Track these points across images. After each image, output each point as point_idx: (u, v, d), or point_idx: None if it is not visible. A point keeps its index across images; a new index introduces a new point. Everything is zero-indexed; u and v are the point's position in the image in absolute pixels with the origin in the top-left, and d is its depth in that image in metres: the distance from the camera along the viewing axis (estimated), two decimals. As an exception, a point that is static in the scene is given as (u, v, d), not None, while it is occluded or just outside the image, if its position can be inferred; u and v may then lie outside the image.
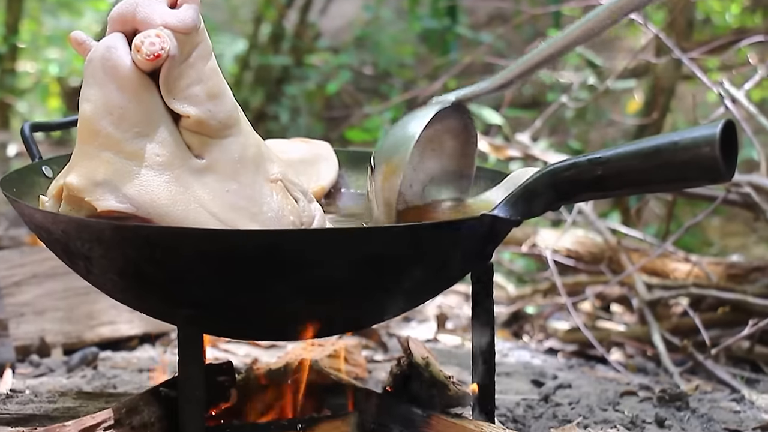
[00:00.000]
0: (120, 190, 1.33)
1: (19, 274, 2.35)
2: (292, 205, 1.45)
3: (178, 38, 1.35)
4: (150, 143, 1.35)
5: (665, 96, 4.46)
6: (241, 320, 1.41)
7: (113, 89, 1.34)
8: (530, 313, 3.26)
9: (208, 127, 1.38)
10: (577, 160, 1.37)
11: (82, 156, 1.36)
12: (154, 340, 2.49)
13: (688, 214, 4.36)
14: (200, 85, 1.38)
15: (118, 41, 1.35)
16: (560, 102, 3.70)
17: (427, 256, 1.40)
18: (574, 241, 3.21)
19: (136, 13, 1.35)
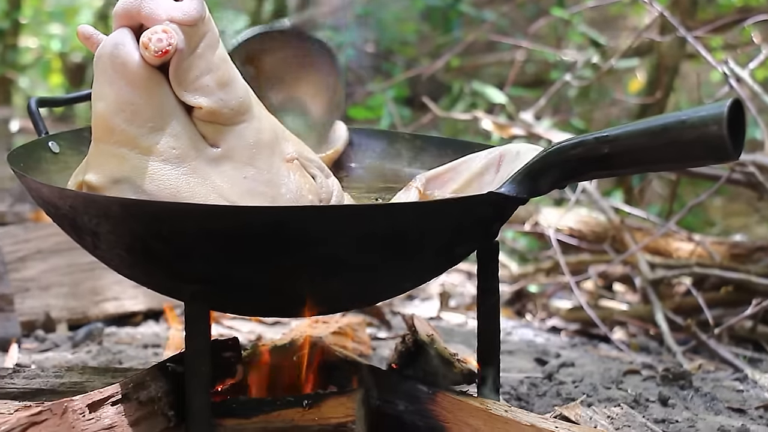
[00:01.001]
0: (139, 187, 1.33)
1: (24, 249, 2.35)
2: (310, 184, 1.45)
3: (185, 31, 1.35)
4: (165, 137, 1.35)
5: (669, 75, 4.45)
6: (247, 297, 1.42)
7: (124, 86, 1.34)
8: (533, 291, 3.26)
9: (220, 115, 1.38)
10: (584, 138, 1.37)
11: (99, 153, 1.37)
12: (159, 316, 2.50)
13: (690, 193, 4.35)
14: (210, 75, 1.38)
15: (125, 37, 1.35)
16: (564, 80, 3.70)
17: (433, 234, 1.40)
18: (577, 220, 3.21)
19: (141, 9, 1.35)
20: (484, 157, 1.54)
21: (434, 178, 1.56)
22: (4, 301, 2.17)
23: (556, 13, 4.19)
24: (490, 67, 6.46)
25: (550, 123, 3.92)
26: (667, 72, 4.47)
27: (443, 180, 1.56)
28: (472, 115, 3.41)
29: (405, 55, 6.56)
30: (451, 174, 1.56)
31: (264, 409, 1.47)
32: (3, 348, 2.13)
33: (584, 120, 4.65)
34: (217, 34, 1.42)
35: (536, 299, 3.20)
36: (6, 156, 1.53)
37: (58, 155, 1.61)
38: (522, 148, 1.50)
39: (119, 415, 1.34)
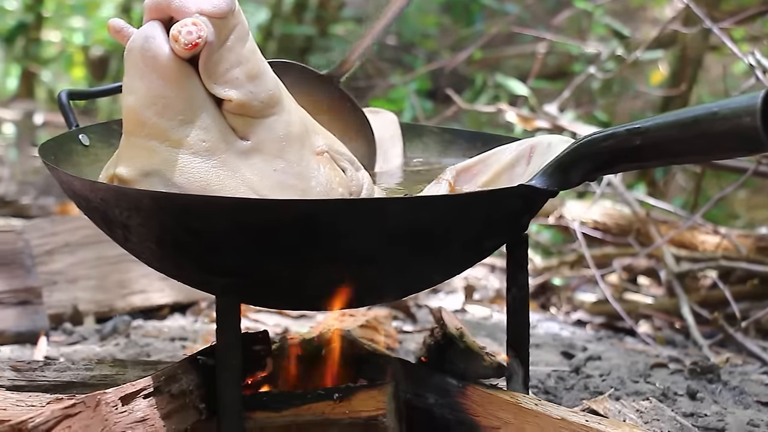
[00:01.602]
0: (170, 180, 1.33)
1: (52, 242, 2.36)
2: (340, 177, 1.45)
3: (215, 23, 1.35)
4: (195, 130, 1.35)
5: (693, 67, 4.43)
6: (277, 289, 1.42)
7: (155, 79, 1.34)
8: (557, 285, 3.25)
9: (250, 108, 1.38)
10: (615, 131, 1.36)
11: (130, 146, 1.37)
12: (185, 309, 2.51)
13: (713, 186, 4.34)
14: (240, 68, 1.38)
15: (155, 30, 1.35)
16: (588, 73, 3.68)
17: (462, 227, 1.39)
18: (601, 212, 3.20)
19: (171, 1, 1.34)
20: (515, 149, 1.53)
21: (464, 170, 1.55)
22: (33, 294, 2.18)
23: (579, 4, 4.18)
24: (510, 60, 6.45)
25: (573, 115, 3.91)
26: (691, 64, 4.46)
27: (473, 172, 1.55)
28: (497, 108, 3.40)
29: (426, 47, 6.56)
30: (482, 166, 1.55)
31: (294, 402, 1.47)
32: (32, 341, 2.14)
33: (607, 112, 4.63)
34: (247, 26, 1.41)
35: (560, 292, 3.20)
36: (32, 148, 1.54)
37: (88, 148, 1.61)
38: (553, 140, 1.49)
39: (151, 408, 1.34)
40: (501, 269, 3.49)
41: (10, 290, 2.16)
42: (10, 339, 2.13)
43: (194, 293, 2.47)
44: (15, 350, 2.12)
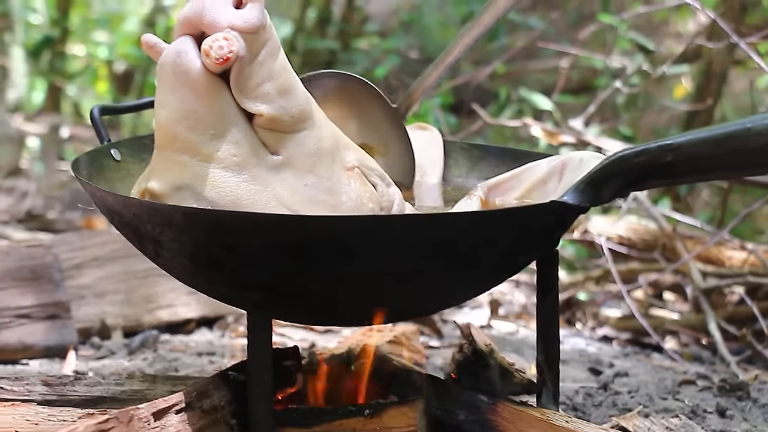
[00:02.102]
0: (200, 194, 1.34)
1: (80, 257, 2.37)
2: (371, 192, 1.45)
3: (246, 38, 1.35)
4: (226, 144, 1.36)
5: (717, 82, 4.42)
6: (309, 305, 1.42)
7: (186, 94, 1.34)
8: (582, 300, 3.24)
9: (281, 123, 1.39)
10: (647, 147, 1.35)
11: (162, 161, 1.38)
12: (212, 323, 2.51)
13: (738, 201, 4.32)
14: (271, 83, 1.38)
15: (187, 45, 1.36)
16: (614, 87, 3.68)
17: (494, 243, 1.39)
18: (626, 227, 3.19)
19: (203, 17, 1.35)
20: (547, 164, 1.53)
21: (496, 186, 1.56)
22: (61, 309, 2.19)
23: (604, 19, 4.17)
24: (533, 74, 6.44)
25: (598, 130, 3.90)
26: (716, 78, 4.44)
27: (505, 188, 1.55)
28: (522, 122, 3.40)
29: (449, 61, 6.55)
30: (513, 182, 1.55)
31: (325, 418, 1.47)
32: (60, 355, 2.15)
33: (632, 127, 4.62)
34: (278, 41, 1.42)
35: (586, 308, 3.19)
36: (58, 162, 1.55)
37: (119, 163, 1.62)
38: (585, 155, 1.49)
39: (183, 424, 1.35)
40: (526, 284, 3.48)
41: (39, 304, 2.17)
42: (39, 353, 2.14)
43: (221, 307, 2.47)
44: (44, 364, 2.13)
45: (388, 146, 1.75)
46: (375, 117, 1.74)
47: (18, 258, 2.20)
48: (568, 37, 5.71)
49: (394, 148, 1.75)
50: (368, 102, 1.74)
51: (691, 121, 4.50)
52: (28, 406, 1.41)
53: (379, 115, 1.74)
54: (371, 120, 1.74)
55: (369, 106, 1.74)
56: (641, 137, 4.91)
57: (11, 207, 3.78)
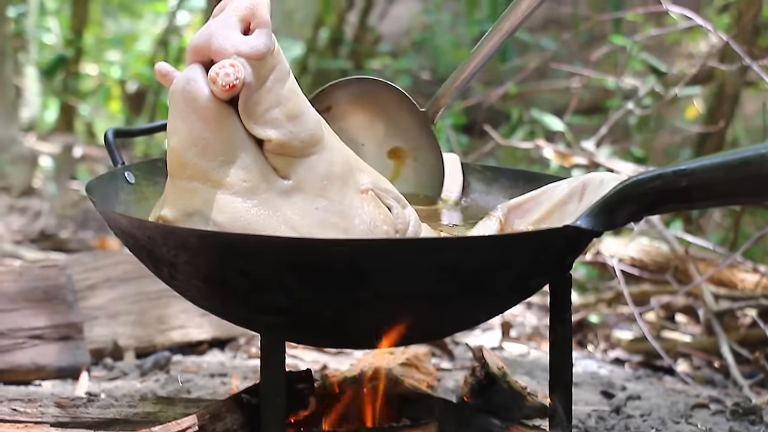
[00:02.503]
0: (211, 219, 1.35)
1: (93, 277, 2.38)
2: (385, 214, 1.45)
3: (253, 64, 1.36)
4: (235, 170, 1.36)
5: (729, 103, 4.41)
6: (323, 328, 1.42)
7: (195, 121, 1.35)
8: (594, 322, 3.24)
9: (291, 148, 1.39)
10: (661, 172, 1.35)
11: (173, 188, 1.39)
12: (224, 345, 2.51)
13: (749, 223, 4.31)
14: (279, 108, 1.39)
15: (196, 73, 1.37)
16: (626, 109, 3.68)
17: (507, 267, 1.40)
18: (638, 249, 3.19)
19: (211, 44, 1.36)
20: (567, 185, 1.53)
21: (516, 207, 1.56)
22: (74, 330, 2.19)
23: (616, 40, 4.17)
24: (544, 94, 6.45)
25: (609, 151, 3.90)
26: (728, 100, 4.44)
27: (525, 209, 1.55)
28: (534, 144, 3.40)
29: (460, 82, 6.56)
30: (533, 203, 1.55)
31: (338, 441, 1.48)
32: (73, 376, 2.15)
33: (644, 148, 4.62)
34: (286, 66, 1.42)
35: (598, 330, 3.18)
36: (71, 182, 1.55)
37: (133, 186, 1.62)
38: (605, 177, 1.49)
39: (196, 447, 1.35)
40: (538, 306, 3.48)
41: (52, 325, 2.17)
42: (51, 374, 2.15)
43: (233, 329, 2.48)
44: (57, 385, 2.13)
45: (419, 150, 1.76)
46: (404, 121, 1.75)
47: (31, 279, 2.21)
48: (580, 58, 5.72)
49: (424, 152, 1.76)
50: (397, 106, 1.75)
51: (703, 143, 4.49)
52: (41, 428, 1.42)
53: (408, 119, 1.75)
54: (400, 124, 1.76)
55: (398, 110, 1.75)
56: (653, 158, 4.91)
57: (24, 227, 3.80)
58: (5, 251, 3.44)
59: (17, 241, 3.69)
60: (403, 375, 1.84)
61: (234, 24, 1.36)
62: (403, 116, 1.75)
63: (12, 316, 2.15)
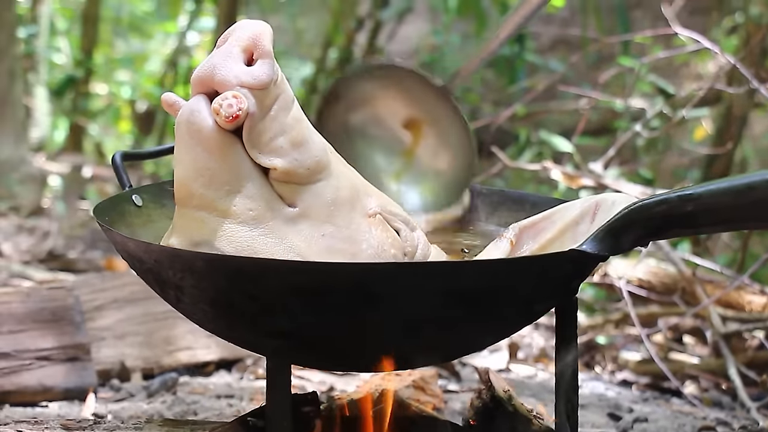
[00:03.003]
0: (218, 249, 1.36)
1: (101, 298, 2.38)
2: (393, 238, 1.46)
3: (256, 94, 1.37)
4: (241, 199, 1.37)
5: (737, 125, 4.41)
6: (329, 351, 1.42)
7: (200, 151, 1.36)
8: (602, 343, 3.23)
9: (296, 175, 1.40)
10: (667, 196, 1.35)
11: (181, 218, 1.40)
12: (231, 366, 2.51)
13: (758, 244, 4.30)
14: (284, 136, 1.39)
15: (200, 104, 1.38)
16: (634, 131, 3.68)
17: (513, 291, 1.40)
18: (646, 270, 3.19)
19: (214, 75, 1.37)
20: (579, 206, 1.53)
21: (528, 227, 1.56)
22: (81, 351, 2.20)
23: (625, 62, 4.18)
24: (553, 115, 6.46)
25: (617, 173, 3.90)
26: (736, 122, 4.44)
27: (537, 230, 1.55)
28: (542, 166, 3.41)
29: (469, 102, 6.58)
30: (546, 223, 1.55)
31: (344, 464, 1.47)
32: (80, 397, 2.16)
33: (651, 170, 4.62)
34: (291, 95, 1.43)
35: (605, 351, 3.18)
36: (80, 202, 1.56)
37: (141, 208, 1.63)
38: (618, 198, 1.49)
39: (202, 470, 1.35)
40: (545, 327, 3.48)
41: (59, 346, 2.18)
42: (59, 395, 2.15)
43: (240, 350, 2.48)
44: (63, 407, 2.13)
45: (438, 120, 1.76)
46: (418, 92, 1.75)
47: (39, 300, 2.22)
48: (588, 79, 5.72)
49: (445, 122, 1.76)
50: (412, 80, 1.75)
51: (712, 164, 4.49)
52: (48, 451, 1.42)
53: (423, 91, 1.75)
54: (414, 96, 1.75)
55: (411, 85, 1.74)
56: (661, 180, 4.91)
57: (33, 247, 3.81)
58: (13, 271, 3.45)
59: (25, 261, 3.70)
60: (410, 397, 1.85)
61: (237, 55, 1.37)
62: (417, 87, 1.75)
63: (19, 337, 2.16)
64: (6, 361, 2.13)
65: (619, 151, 3.74)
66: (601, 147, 4.33)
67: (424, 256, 1.51)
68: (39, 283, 2.76)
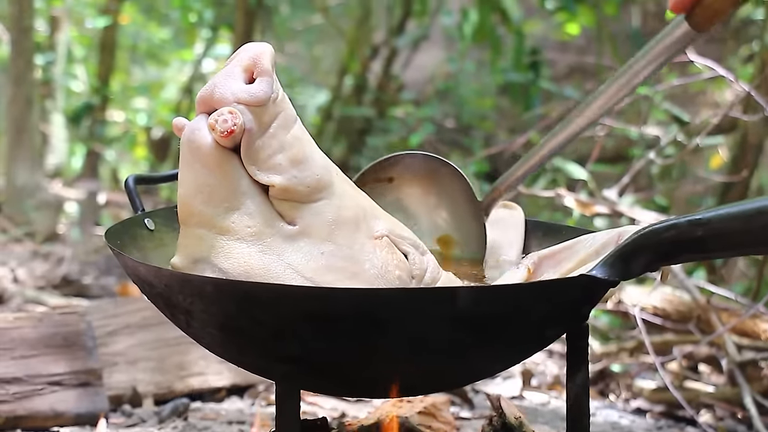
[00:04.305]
0: (216, 266, 1.36)
1: (113, 324, 2.39)
2: (399, 260, 1.46)
3: (254, 111, 1.38)
4: (240, 216, 1.38)
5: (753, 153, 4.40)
6: (338, 377, 1.42)
7: (199, 168, 1.38)
8: (616, 371, 3.22)
9: (295, 192, 1.41)
10: (677, 221, 1.35)
11: (183, 236, 1.41)
12: (242, 392, 2.51)
13: (773, 271, 4.27)
14: (282, 154, 1.40)
15: (200, 122, 1.40)
16: (648, 158, 3.68)
17: (523, 317, 1.39)
18: (661, 298, 3.17)
19: (213, 94, 1.39)
20: (602, 236, 1.53)
21: (549, 257, 1.55)
22: (93, 376, 2.20)
23: (640, 90, 4.18)
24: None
25: (632, 200, 3.89)
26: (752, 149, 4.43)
27: (558, 259, 1.55)
28: (556, 193, 3.40)
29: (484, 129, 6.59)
30: (568, 253, 1.55)
31: (353, 490, 1.47)
32: (91, 423, 2.15)
33: (667, 197, 4.61)
34: (292, 113, 1.44)
35: (620, 379, 3.16)
36: (95, 228, 1.57)
37: (153, 232, 1.63)
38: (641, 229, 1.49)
39: (210, 495, 1.34)
40: (559, 354, 3.46)
41: (71, 372, 2.18)
42: (70, 421, 2.15)
43: (252, 376, 2.48)
44: (75, 432, 2.13)
45: (466, 243, 1.76)
46: (460, 210, 1.75)
47: (51, 325, 2.22)
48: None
49: (471, 246, 1.76)
50: (457, 192, 1.75)
51: (727, 192, 4.48)
52: (57, 475, 1.42)
53: (464, 209, 1.75)
54: (456, 212, 1.76)
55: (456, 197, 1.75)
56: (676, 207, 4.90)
57: (47, 272, 3.82)
58: (28, 297, 3.47)
59: (40, 286, 3.71)
60: (421, 424, 1.84)
61: (237, 74, 1.39)
62: (460, 204, 1.75)
63: (31, 362, 2.16)
64: (18, 386, 2.13)
65: (634, 178, 3.73)
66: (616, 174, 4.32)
67: (433, 280, 1.50)
68: (52, 308, 2.76)
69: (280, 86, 1.41)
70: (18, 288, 3.61)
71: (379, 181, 1.76)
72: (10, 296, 3.47)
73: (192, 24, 8.01)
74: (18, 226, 5.02)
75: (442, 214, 1.77)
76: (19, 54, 5.41)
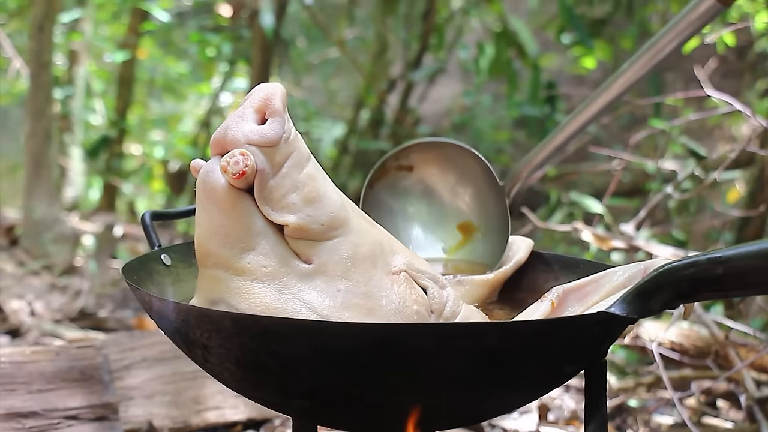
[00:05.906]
0: (233, 306, 1.38)
1: (130, 357, 2.39)
2: (417, 295, 1.46)
3: (266, 152, 1.39)
4: (255, 256, 1.39)
5: (771, 187, 4.39)
6: (355, 413, 1.41)
7: (214, 210, 1.39)
8: (633, 406, 3.20)
9: (310, 231, 1.41)
10: (696, 259, 1.34)
11: (201, 277, 1.43)
12: (259, 426, 2.50)
13: (791, 307, 4.25)
14: (296, 193, 1.41)
15: (214, 164, 1.41)
16: (665, 192, 3.67)
17: (541, 353, 1.38)
18: (678, 333, 3.16)
19: (226, 136, 1.41)
20: (628, 270, 1.52)
21: (574, 290, 1.55)
22: (109, 410, 2.19)
23: (656, 124, 4.18)
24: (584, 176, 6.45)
25: (649, 234, 3.88)
26: (769, 184, 4.41)
27: (584, 293, 1.55)
28: (572, 227, 3.40)
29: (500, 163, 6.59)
30: (594, 286, 1.54)
31: None
32: (107, 456, 2.15)
33: (684, 231, 4.60)
34: (305, 152, 1.45)
35: (637, 414, 3.14)
36: (111, 261, 1.57)
37: (169, 267, 1.64)
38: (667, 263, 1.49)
39: None
40: (576, 389, 3.44)
41: (87, 406, 2.18)
42: (86, 454, 2.15)
43: (268, 410, 2.47)
44: (90, 466, 2.13)
45: (488, 230, 1.76)
46: (483, 194, 1.76)
47: (68, 359, 2.22)
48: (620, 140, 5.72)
49: (493, 234, 1.76)
50: (478, 177, 1.75)
51: (744, 227, 4.46)
52: None
53: (487, 194, 1.76)
54: (479, 197, 1.76)
55: (478, 182, 1.75)
56: (694, 242, 4.89)
57: (64, 306, 3.83)
58: (45, 330, 3.47)
59: (57, 320, 3.72)
60: (438, 460, 1.82)
61: (249, 115, 1.40)
62: (483, 189, 1.76)
63: (48, 396, 2.16)
64: (34, 420, 2.13)
65: (651, 212, 3.72)
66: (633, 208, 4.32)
67: (453, 314, 1.50)
68: (68, 341, 2.76)
69: (292, 125, 1.42)
70: (35, 321, 3.62)
71: (401, 168, 1.76)
72: (27, 329, 3.48)
73: (210, 58, 8.05)
74: (35, 259, 5.03)
75: (464, 197, 1.77)
76: (38, 88, 5.44)
